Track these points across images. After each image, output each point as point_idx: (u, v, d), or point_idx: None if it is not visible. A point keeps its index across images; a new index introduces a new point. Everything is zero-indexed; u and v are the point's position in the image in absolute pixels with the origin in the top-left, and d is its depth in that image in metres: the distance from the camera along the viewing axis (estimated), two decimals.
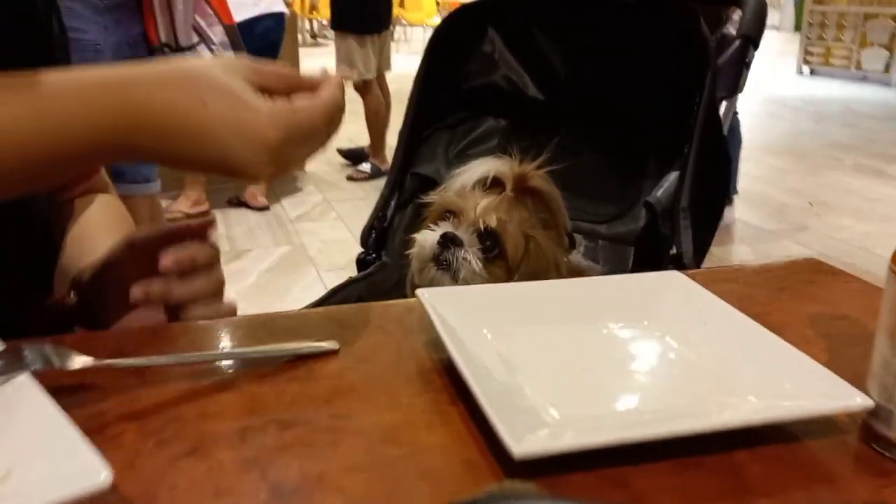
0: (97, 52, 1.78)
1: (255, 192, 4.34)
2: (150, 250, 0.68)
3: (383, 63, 5.00)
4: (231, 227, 4.07)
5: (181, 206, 4.12)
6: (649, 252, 1.30)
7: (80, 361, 0.54)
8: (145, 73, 0.58)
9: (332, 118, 0.62)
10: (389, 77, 5.17)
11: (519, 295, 0.70)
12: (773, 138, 6.44)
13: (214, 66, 0.59)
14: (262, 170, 0.58)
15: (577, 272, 1.17)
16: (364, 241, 1.41)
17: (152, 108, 0.56)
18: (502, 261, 1.05)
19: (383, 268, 1.37)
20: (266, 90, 0.59)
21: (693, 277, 0.74)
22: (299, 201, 4.55)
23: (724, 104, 1.47)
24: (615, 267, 2.62)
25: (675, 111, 1.32)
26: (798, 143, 6.33)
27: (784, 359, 0.58)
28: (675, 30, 1.30)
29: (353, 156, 5.32)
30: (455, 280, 1.03)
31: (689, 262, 1.16)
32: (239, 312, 0.73)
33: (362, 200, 4.54)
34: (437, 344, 0.62)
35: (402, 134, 1.46)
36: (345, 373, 0.60)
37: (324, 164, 5.38)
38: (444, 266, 1.03)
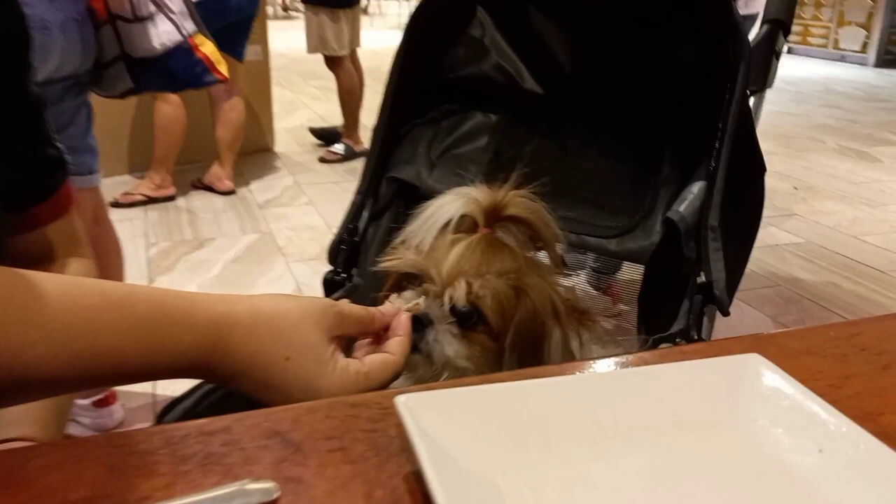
0: (45, 29, 1.57)
1: (221, 175, 4.12)
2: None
3: (354, 38, 4.75)
4: (195, 212, 3.86)
5: (144, 188, 3.95)
6: (668, 275, 1.10)
7: None
8: (242, 317, 0.59)
9: (398, 374, 0.65)
10: (363, 53, 4.92)
11: (540, 396, 0.48)
12: (756, 120, 6.32)
13: (307, 317, 0.60)
14: None
15: (577, 310, 0.95)
16: (332, 257, 1.20)
17: (238, 352, 0.58)
18: (486, 326, 0.83)
19: (355, 291, 1.15)
20: (344, 336, 0.64)
21: (767, 347, 0.55)
22: (268, 185, 4.33)
23: (750, 101, 1.26)
24: (602, 273, 2.42)
25: (696, 108, 1.12)
26: (780, 125, 6.23)
27: None
28: (702, 12, 1.09)
29: (326, 136, 5.08)
30: (431, 363, 0.80)
31: (720, 292, 0.97)
32: None
33: (335, 184, 4.34)
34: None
35: (376, 131, 1.24)
36: None
37: (294, 144, 5.15)
38: (415, 349, 0.79)
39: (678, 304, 1.06)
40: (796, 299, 3.08)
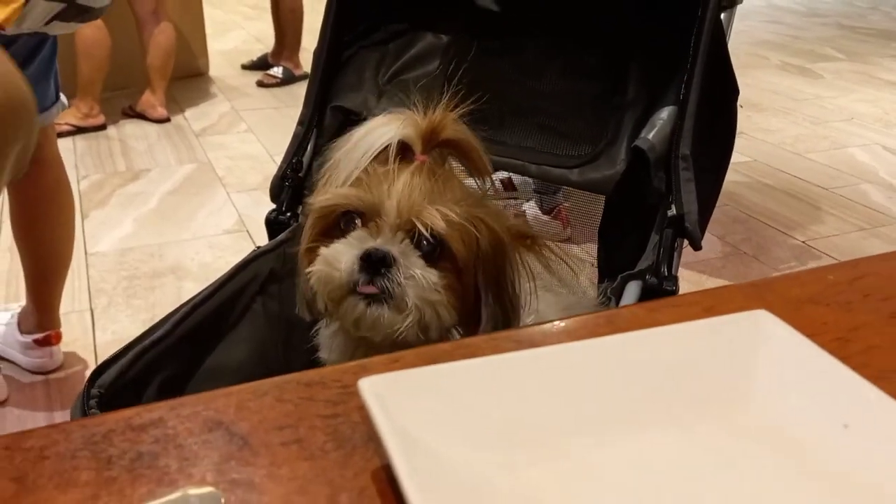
0: None
1: (154, 102, 3.92)
2: None
3: None
4: (127, 142, 3.67)
5: (70, 117, 3.73)
6: (632, 206, 1.04)
7: None
8: None
9: None
10: None
11: (527, 372, 0.41)
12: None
13: None
14: None
15: (523, 234, 0.88)
16: (275, 194, 1.10)
17: None
18: (447, 262, 0.75)
19: (300, 232, 1.07)
20: None
21: (766, 296, 0.49)
22: (204, 112, 4.14)
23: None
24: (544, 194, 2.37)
25: (665, 24, 1.04)
26: None
27: None
28: None
29: (259, 66, 4.85)
30: (399, 311, 0.73)
31: (692, 226, 0.92)
32: (140, 243, 0.46)
33: (275, 109, 4.18)
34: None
35: (317, 54, 1.14)
36: None
37: (229, 68, 4.93)
38: (379, 298, 0.73)
39: (644, 238, 1.01)
40: (743, 218, 3.09)
